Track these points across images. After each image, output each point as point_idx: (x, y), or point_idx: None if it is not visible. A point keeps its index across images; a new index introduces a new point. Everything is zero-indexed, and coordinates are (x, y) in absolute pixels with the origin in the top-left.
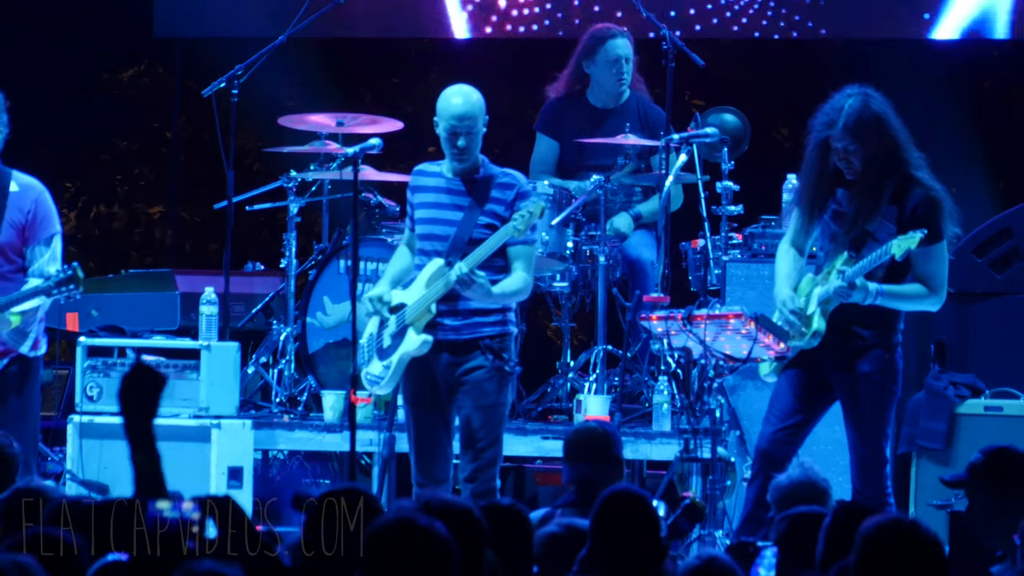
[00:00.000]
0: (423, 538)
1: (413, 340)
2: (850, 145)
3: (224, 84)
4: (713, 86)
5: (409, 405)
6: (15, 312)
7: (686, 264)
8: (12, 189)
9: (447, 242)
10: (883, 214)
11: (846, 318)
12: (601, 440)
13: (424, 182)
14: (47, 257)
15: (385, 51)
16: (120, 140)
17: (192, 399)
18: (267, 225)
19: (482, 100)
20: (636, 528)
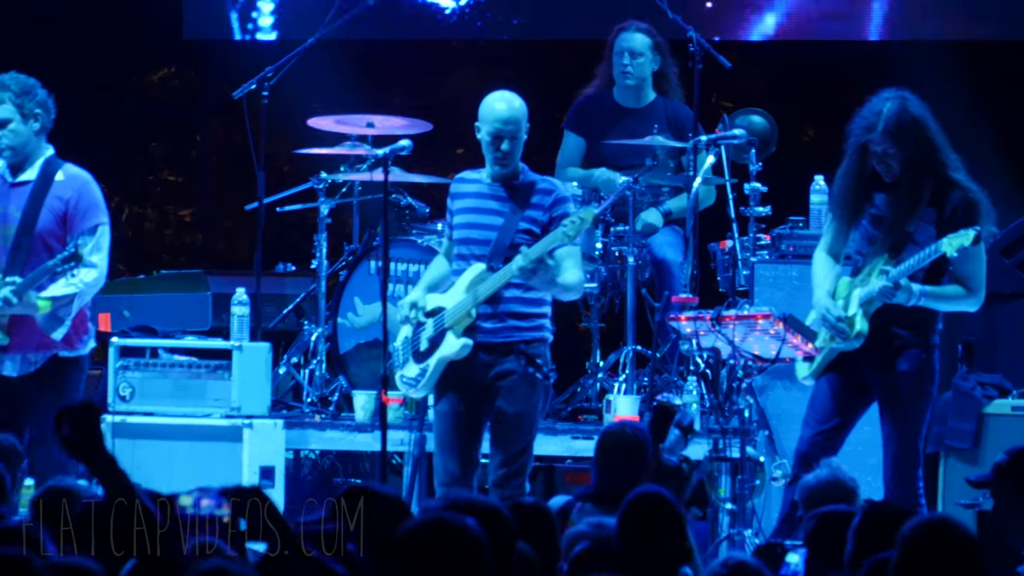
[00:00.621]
0: (456, 536)
1: (453, 344)
2: (889, 148)
3: (254, 86)
4: (741, 88)
5: (441, 405)
6: (44, 297)
7: (714, 265)
8: (57, 178)
9: (487, 247)
10: (922, 216)
11: (885, 319)
12: (632, 445)
13: (464, 189)
14: (91, 246)
15: (414, 53)
16: (151, 142)
17: (224, 399)
18: (298, 226)
19: (525, 106)
20: (662, 529)
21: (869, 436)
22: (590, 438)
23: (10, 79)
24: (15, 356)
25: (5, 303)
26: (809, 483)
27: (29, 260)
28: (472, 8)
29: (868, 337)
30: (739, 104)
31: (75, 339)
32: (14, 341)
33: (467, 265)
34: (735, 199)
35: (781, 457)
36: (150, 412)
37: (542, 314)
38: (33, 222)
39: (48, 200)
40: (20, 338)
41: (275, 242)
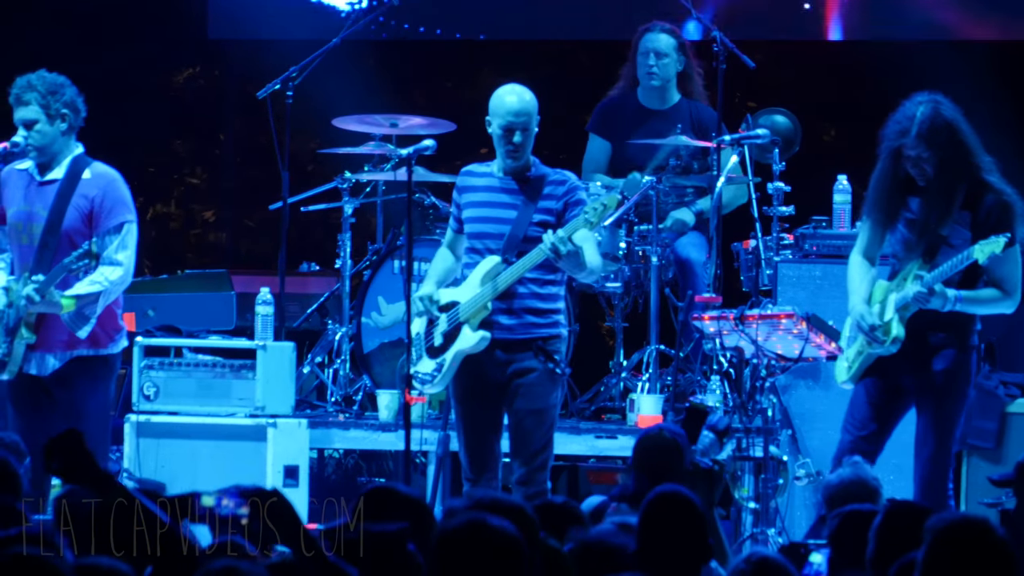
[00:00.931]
0: (496, 538)
1: (470, 337)
2: (924, 152)
3: (279, 86)
4: (764, 88)
5: (459, 402)
6: (68, 295)
7: (738, 264)
8: (84, 176)
9: (501, 240)
10: (957, 219)
11: (922, 322)
12: (670, 448)
13: (474, 182)
14: (116, 244)
15: (438, 52)
16: (176, 141)
17: (248, 399)
18: (322, 226)
19: (535, 99)
20: (682, 528)
21: (893, 436)
22: (613, 437)
23: (37, 79)
24: (42, 355)
25: (29, 301)
26: (832, 483)
27: (55, 259)
28: (495, 8)
29: (906, 339)
30: (763, 104)
31: (103, 337)
32: (41, 339)
33: (480, 259)
34: (758, 199)
35: (804, 456)
36: (174, 411)
37: (557, 310)
38: (59, 220)
39: (75, 198)
40: (47, 336)
41: (299, 241)
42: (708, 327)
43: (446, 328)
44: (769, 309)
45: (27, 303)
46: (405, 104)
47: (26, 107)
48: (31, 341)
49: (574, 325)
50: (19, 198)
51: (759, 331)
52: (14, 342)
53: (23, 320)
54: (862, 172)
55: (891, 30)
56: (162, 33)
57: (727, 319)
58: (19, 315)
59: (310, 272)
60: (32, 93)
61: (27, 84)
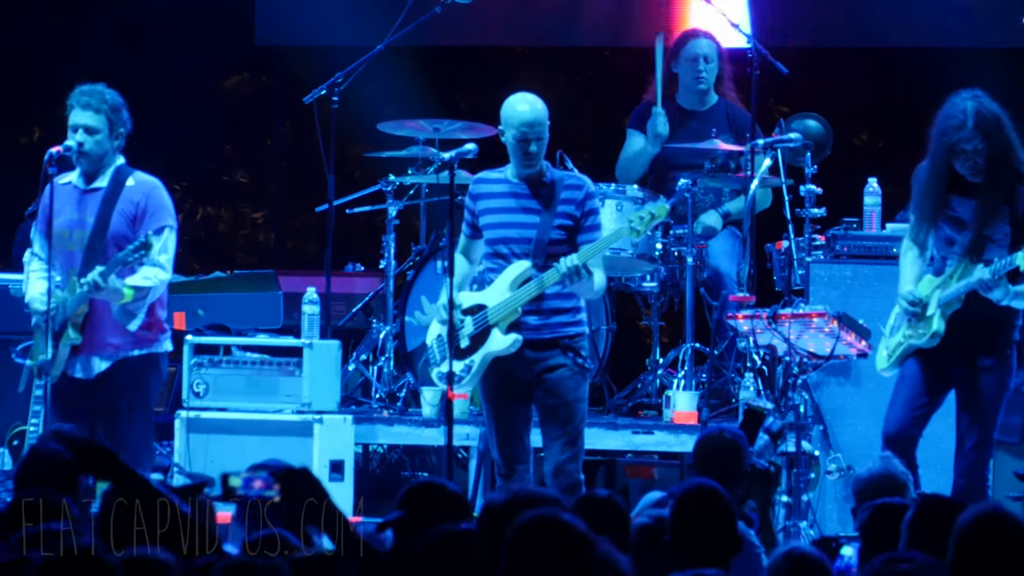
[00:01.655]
0: (568, 534)
1: (501, 340)
2: (979, 144)
3: (324, 91)
4: (796, 92)
5: (489, 402)
6: (128, 285)
7: (771, 265)
8: (128, 183)
9: (526, 245)
10: (1000, 215)
11: (967, 317)
12: (729, 448)
13: (489, 189)
14: (158, 247)
15: (478, 59)
16: (225, 145)
17: (295, 395)
18: (366, 227)
19: (546, 107)
20: (713, 520)
21: (931, 429)
22: (650, 433)
23: (109, 94)
24: (87, 357)
25: (94, 288)
26: (862, 477)
27: (101, 262)
28: (535, 17)
29: (952, 332)
30: (795, 109)
31: (148, 337)
32: (86, 342)
33: (505, 263)
34: (791, 201)
35: (835, 451)
36: (223, 408)
37: (580, 308)
38: (106, 226)
39: (120, 204)
40: (93, 339)
41: (344, 242)
42: (742, 325)
43: (472, 331)
44: (801, 308)
45: (91, 289)
46: (447, 109)
47: (94, 114)
48: (77, 342)
49: (611, 324)
50: (66, 209)
51: (791, 329)
52: (59, 344)
53: (69, 321)
54: (892, 175)
55: (919, 37)
56: (211, 40)
57: (760, 318)
58: (65, 317)
59: (355, 272)
60: (104, 104)
61: (99, 96)
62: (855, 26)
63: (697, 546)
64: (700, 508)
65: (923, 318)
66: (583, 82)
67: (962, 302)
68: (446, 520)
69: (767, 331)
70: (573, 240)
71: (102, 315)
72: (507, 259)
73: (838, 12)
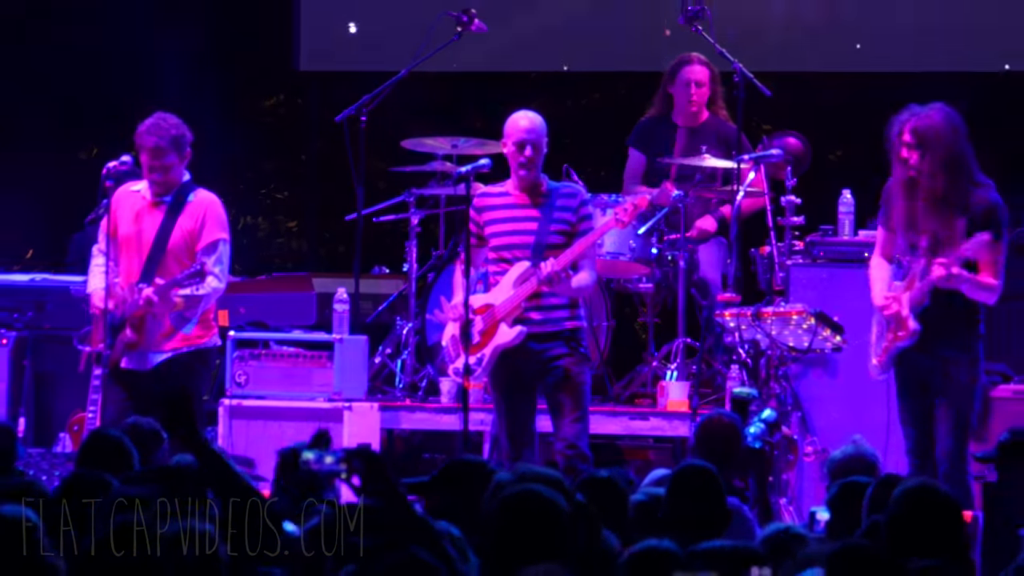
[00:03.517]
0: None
1: (508, 333)
2: (917, 153)
3: (354, 112)
4: (778, 112)
5: (499, 391)
6: (180, 296)
7: (755, 268)
8: (190, 199)
9: (526, 248)
10: (955, 219)
11: (934, 314)
12: (727, 430)
13: (492, 202)
14: (212, 260)
15: (491, 83)
16: (264, 160)
17: (327, 385)
18: (391, 234)
19: (544, 123)
20: (703, 497)
21: (891, 418)
22: (645, 419)
23: (177, 125)
24: (143, 354)
25: (148, 303)
26: (835, 457)
27: (161, 270)
28: (543, 45)
29: (923, 328)
30: (777, 127)
31: (199, 336)
32: (141, 339)
33: (509, 267)
34: (773, 210)
35: (812, 435)
36: (262, 396)
37: (578, 304)
38: (166, 238)
39: (181, 219)
40: (149, 335)
41: (371, 248)
42: (729, 322)
43: (483, 327)
44: (782, 307)
45: (147, 303)
46: (463, 128)
47: (164, 150)
48: (133, 339)
49: (611, 320)
50: (133, 217)
51: (773, 326)
52: (117, 338)
53: (128, 320)
54: (863, 187)
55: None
56: (253, 66)
57: (745, 315)
58: (124, 316)
59: (381, 275)
60: (169, 139)
61: (165, 132)
62: (831, 53)
63: (689, 520)
64: (691, 486)
65: (900, 321)
66: (587, 104)
67: (929, 300)
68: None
69: (751, 327)
70: (571, 242)
71: (159, 316)
72: (510, 262)
73: (816, 40)
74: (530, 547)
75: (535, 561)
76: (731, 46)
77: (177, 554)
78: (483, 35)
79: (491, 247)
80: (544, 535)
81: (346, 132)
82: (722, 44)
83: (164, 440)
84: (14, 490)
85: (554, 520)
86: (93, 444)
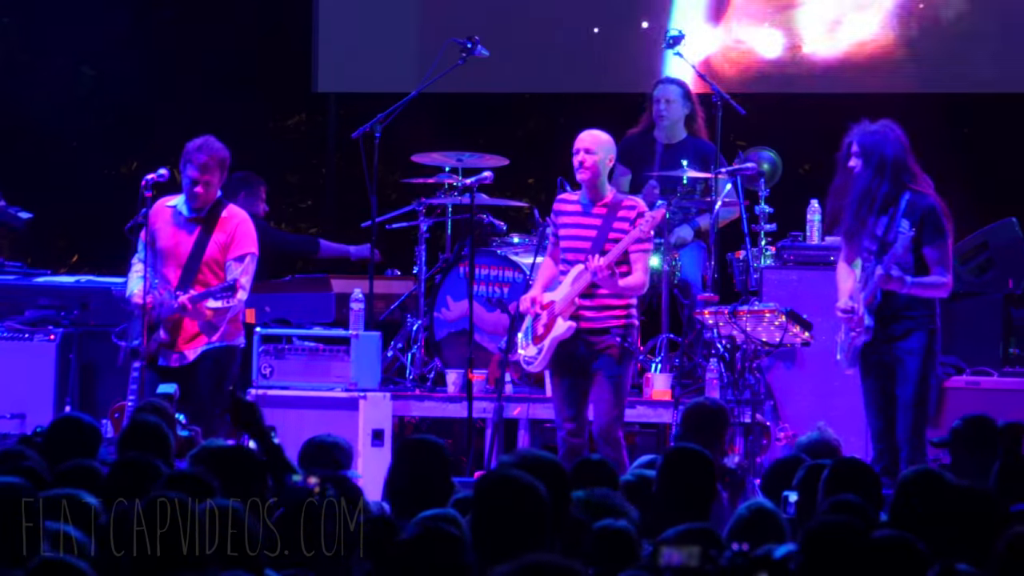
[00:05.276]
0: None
1: (562, 326)
2: (862, 164)
3: (369, 129)
4: (752, 130)
5: (557, 377)
6: (210, 307)
7: (731, 270)
8: (223, 215)
9: (586, 252)
10: (899, 224)
11: (894, 308)
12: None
13: (566, 208)
14: (239, 271)
15: (495, 102)
16: (288, 173)
17: (344, 376)
18: (402, 240)
19: (605, 139)
20: (695, 475)
21: (854, 405)
22: (632, 407)
23: (227, 151)
24: (177, 352)
25: (183, 308)
26: (803, 442)
27: (196, 279)
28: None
29: (882, 325)
30: (751, 143)
31: (227, 335)
32: (174, 339)
33: (571, 267)
34: (747, 218)
35: (783, 422)
36: (286, 387)
37: (630, 304)
38: (202, 250)
39: (215, 233)
40: (184, 335)
41: (385, 252)
42: (708, 320)
43: (546, 320)
44: (756, 306)
45: (181, 309)
46: (468, 143)
47: (207, 170)
48: (166, 340)
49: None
50: (170, 231)
51: (748, 323)
52: (151, 337)
53: (162, 322)
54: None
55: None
56: (277, 88)
57: (723, 314)
58: (161, 316)
59: (393, 276)
60: (212, 160)
61: (208, 152)
62: (801, 75)
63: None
64: (684, 467)
65: (858, 319)
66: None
67: (879, 297)
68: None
69: (728, 324)
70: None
71: (190, 321)
72: (571, 263)
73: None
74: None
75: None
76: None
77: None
78: (485, 59)
79: (562, 249)
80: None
81: (361, 147)
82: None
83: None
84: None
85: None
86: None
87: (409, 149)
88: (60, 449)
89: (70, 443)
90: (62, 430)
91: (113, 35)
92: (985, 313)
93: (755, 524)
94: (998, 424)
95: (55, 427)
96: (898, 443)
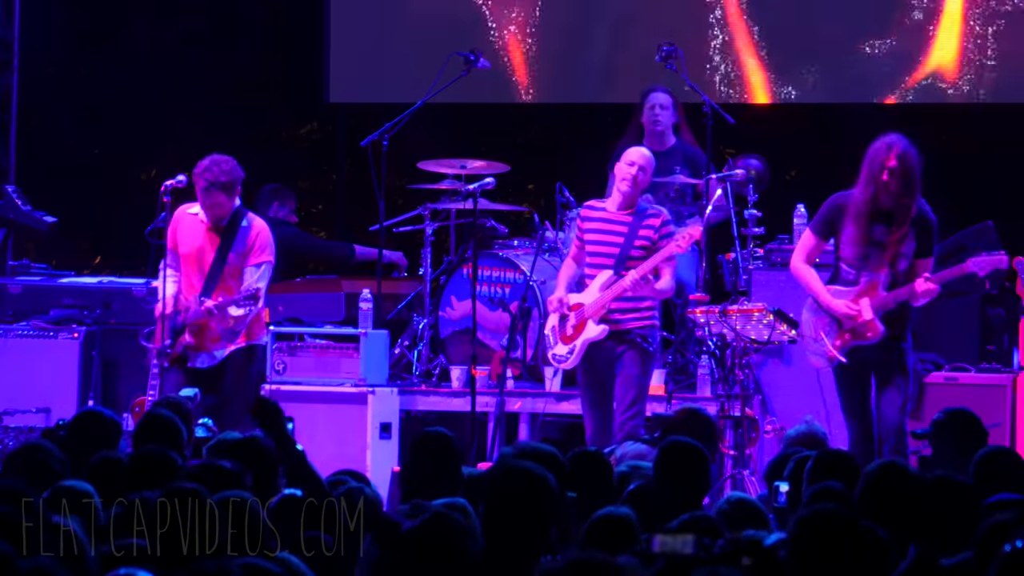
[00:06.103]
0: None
1: (594, 329)
2: (897, 178)
3: (377, 137)
4: (741, 138)
5: (586, 375)
6: (232, 314)
7: (722, 271)
8: (243, 224)
9: (612, 257)
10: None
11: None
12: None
13: (592, 214)
14: (256, 277)
15: (497, 112)
16: (300, 180)
17: (353, 372)
18: (409, 242)
19: (652, 160)
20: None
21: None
22: None
23: (236, 171)
24: (202, 353)
25: (208, 312)
26: (791, 435)
27: (219, 285)
28: (540, 79)
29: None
30: (740, 150)
31: (253, 334)
32: (199, 341)
33: (598, 271)
34: (737, 222)
35: (772, 415)
36: (298, 382)
37: (653, 307)
38: (224, 258)
39: (235, 242)
40: (209, 339)
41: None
42: (699, 318)
43: (575, 322)
44: (745, 305)
45: (207, 312)
46: (471, 151)
47: (222, 190)
48: (191, 342)
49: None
50: (194, 238)
51: (737, 321)
52: (177, 339)
53: (188, 326)
54: (815, 202)
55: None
56: (290, 99)
57: (713, 312)
58: (185, 322)
59: (400, 278)
60: (225, 182)
61: (222, 170)
62: (787, 85)
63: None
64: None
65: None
66: (580, 132)
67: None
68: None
69: (719, 323)
70: (650, 256)
71: (214, 326)
72: (598, 268)
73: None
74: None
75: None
76: (703, 82)
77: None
78: (487, 71)
79: (587, 253)
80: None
81: (370, 155)
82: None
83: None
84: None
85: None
86: (149, 424)
87: (415, 156)
88: (83, 441)
89: (92, 436)
90: (85, 423)
91: (133, 48)
92: (963, 312)
93: (736, 516)
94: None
95: (78, 420)
96: (883, 435)
